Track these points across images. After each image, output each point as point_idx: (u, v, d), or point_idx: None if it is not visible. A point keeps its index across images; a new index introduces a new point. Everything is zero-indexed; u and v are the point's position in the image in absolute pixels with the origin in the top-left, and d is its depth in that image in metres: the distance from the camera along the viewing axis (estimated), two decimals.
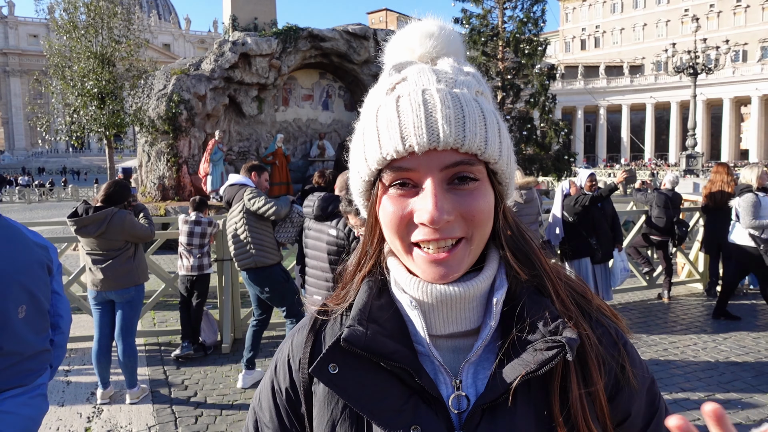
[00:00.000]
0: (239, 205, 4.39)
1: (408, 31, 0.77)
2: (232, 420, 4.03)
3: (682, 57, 24.43)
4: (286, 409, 0.78)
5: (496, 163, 0.69)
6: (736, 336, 5.73)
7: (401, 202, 0.68)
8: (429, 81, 0.69)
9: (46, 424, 3.99)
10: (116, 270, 4.12)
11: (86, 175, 57.54)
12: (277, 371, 0.80)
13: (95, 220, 4.03)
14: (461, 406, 0.69)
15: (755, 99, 51.82)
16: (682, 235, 7.17)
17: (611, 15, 71.14)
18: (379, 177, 0.70)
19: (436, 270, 0.68)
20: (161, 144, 12.78)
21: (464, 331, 0.72)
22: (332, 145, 15.40)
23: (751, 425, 0.77)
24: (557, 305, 0.71)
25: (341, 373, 0.70)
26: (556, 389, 0.68)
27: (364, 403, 0.68)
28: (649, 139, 59.04)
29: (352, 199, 2.83)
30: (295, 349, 0.79)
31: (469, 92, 0.69)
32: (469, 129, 0.65)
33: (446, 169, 0.66)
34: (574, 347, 0.66)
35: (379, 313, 0.72)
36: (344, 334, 0.69)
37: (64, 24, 12.02)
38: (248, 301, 6.77)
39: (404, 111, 0.66)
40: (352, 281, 0.80)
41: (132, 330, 4.32)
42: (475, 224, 0.68)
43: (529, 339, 0.69)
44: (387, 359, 0.68)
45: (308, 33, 14.11)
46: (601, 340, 0.73)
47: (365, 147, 0.70)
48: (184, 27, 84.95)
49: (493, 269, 0.73)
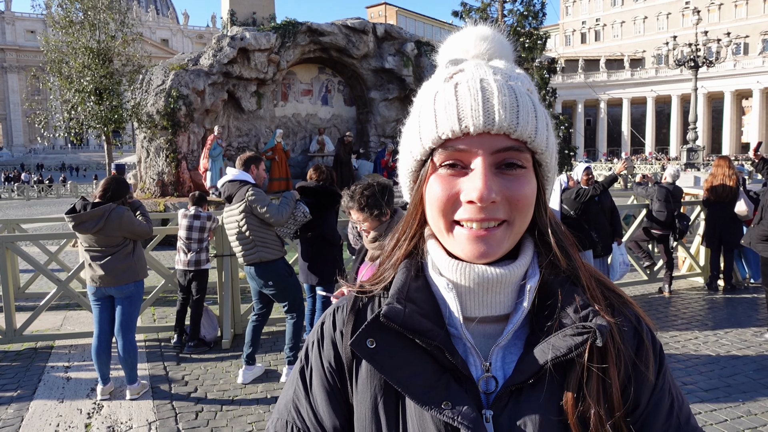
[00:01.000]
0: (241, 204, 4.37)
1: (463, 33, 0.82)
2: (232, 415, 4.02)
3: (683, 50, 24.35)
4: (334, 380, 0.81)
5: (543, 153, 0.74)
6: (737, 330, 5.71)
7: (450, 181, 0.72)
8: (486, 72, 0.73)
9: (45, 420, 3.98)
10: (115, 266, 4.11)
11: (85, 171, 57.49)
12: (323, 346, 0.83)
13: (93, 216, 4.01)
14: (489, 388, 0.73)
15: (756, 92, 51.60)
16: (683, 228, 7.15)
17: (612, 8, 70.82)
18: (430, 157, 0.74)
19: (476, 247, 0.71)
20: (160, 140, 12.75)
21: (496, 315, 0.75)
22: (332, 140, 15.36)
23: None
24: (588, 295, 0.74)
25: (378, 347, 0.73)
26: (576, 376, 0.70)
27: (398, 377, 0.72)
28: (650, 132, 58.89)
29: (353, 195, 2.83)
30: (338, 325, 0.83)
31: (522, 87, 0.74)
32: (522, 117, 0.70)
33: (497, 153, 0.70)
34: (604, 333, 0.69)
35: (416, 294, 0.76)
36: (383, 310, 0.73)
37: (60, 20, 11.96)
38: (248, 297, 6.77)
39: (462, 95, 0.70)
40: (390, 261, 0.83)
41: (132, 326, 4.31)
42: (518, 209, 0.71)
43: (559, 325, 0.72)
44: (423, 336, 0.72)
45: (307, 27, 14.04)
46: (621, 330, 0.75)
47: (421, 127, 0.74)
48: (183, 22, 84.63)
49: (529, 257, 0.76)
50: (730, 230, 6.99)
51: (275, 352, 5.27)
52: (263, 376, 4.70)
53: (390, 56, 15.02)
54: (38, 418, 4.02)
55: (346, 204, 2.91)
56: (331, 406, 0.80)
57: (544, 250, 0.77)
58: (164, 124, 12.53)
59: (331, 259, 5.03)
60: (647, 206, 7.42)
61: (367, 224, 2.83)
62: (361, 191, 2.83)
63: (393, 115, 15.70)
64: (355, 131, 15.88)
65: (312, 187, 4.96)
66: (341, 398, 0.81)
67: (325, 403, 0.81)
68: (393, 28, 15.65)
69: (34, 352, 5.40)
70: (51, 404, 4.25)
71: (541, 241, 0.78)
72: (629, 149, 58.87)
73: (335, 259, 5.09)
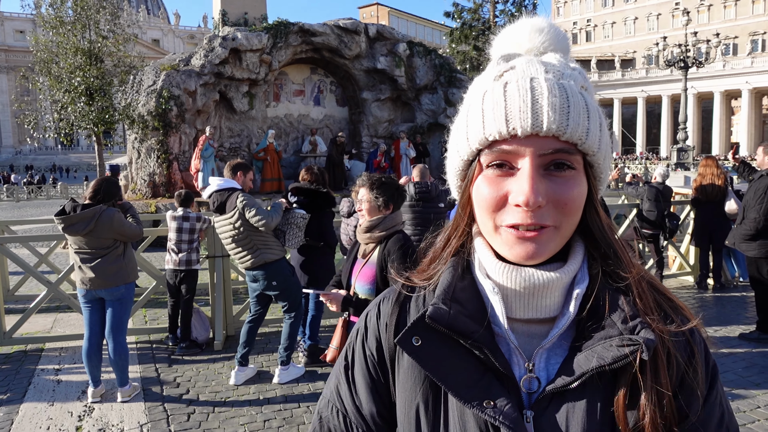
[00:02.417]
0: (235, 211, 4.37)
1: (518, 25, 0.80)
2: (224, 417, 4.01)
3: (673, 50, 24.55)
4: (375, 369, 0.84)
5: (594, 155, 0.71)
6: (727, 328, 5.77)
7: (497, 182, 0.71)
8: (537, 71, 0.71)
9: (36, 423, 3.96)
10: (105, 268, 4.07)
11: (76, 172, 57.04)
12: (367, 336, 0.85)
13: (83, 218, 3.98)
14: (532, 388, 0.72)
15: (745, 92, 52.09)
16: (673, 228, 7.22)
17: (602, 9, 71.26)
18: (477, 157, 0.73)
19: (523, 248, 0.70)
20: (151, 140, 12.67)
21: (541, 318, 0.74)
22: (324, 140, 15.33)
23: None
24: (638, 304, 0.72)
25: (423, 345, 0.74)
26: (626, 386, 0.69)
27: (442, 374, 0.73)
28: (641, 132, 59.29)
29: (371, 177, 2.92)
30: (383, 317, 0.84)
31: (575, 85, 0.71)
32: (573, 119, 0.68)
33: (545, 155, 0.69)
34: (651, 348, 0.67)
35: (461, 293, 0.76)
36: (429, 312, 0.74)
37: (50, 19, 11.87)
38: (240, 298, 6.76)
39: (511, 96, 0.69)
40: (439, 259, 0.83)
41: (122, 328, 4.27)
42: (566, 212, 0.70)
43: (606, 334, 0.70)
44: (466, 338, 0.72)
45: (299, 28, 14.02)
46: (675, 340, 0.73)
47: (468, 127, 0.73)
48: (174, 22, 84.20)
49: (578, 262, 0.75)
50: (719, 229, 7.05)
51: (268, 353, 5.26)
52: (255, 378, 4.69)
53: (382, 57, 15.03)
54: (28, 422, 3.99)
55: (360, 182, 3.00)
56: (370, 394, 0.83)
57: (595, 252, 0.76)
58: (155, 125, 12.46)
59: (326, 261, 5.03)
60: (637, 206, 7.48)
61: (368, 205, 2.88)
62: (380, 176, 2.96)
63: (385, 116, 15.71)
64: (348, 132, 15.87)
65: (306, 188, 4.96)
66: (381, 387, 0.83)
67: (364, 391, 0.83)
68: (385, 28, 15.66)
69: (24, 354, 5.35)
70: (41, 407, 4.22)
71: (591, 243, 0.76)
72: (620, 149, 59.24)
73: (330, 261, 5.10)
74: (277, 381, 4.56)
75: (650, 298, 0.74)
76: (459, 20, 20.60)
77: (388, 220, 2.86)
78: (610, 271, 0.74)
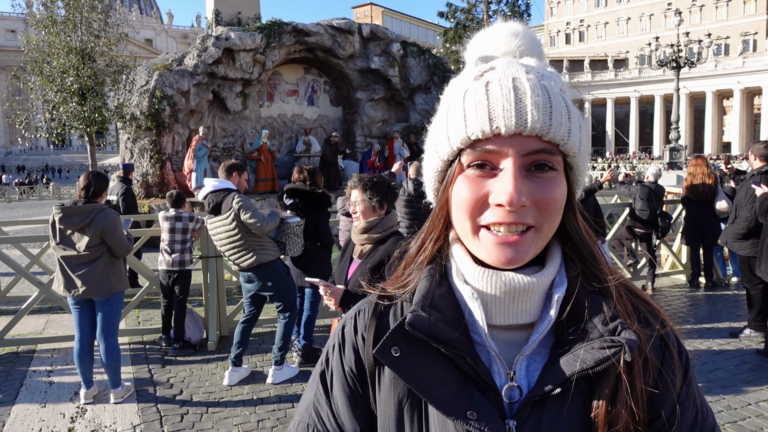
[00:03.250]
0: (231, 212, 4.36)
1: (494, 29, 0.80)
2: (218, 417, 4.00)
3: (665, 51, 24.68)
4: (355, 385, 0.80)
5: (575, 156, 0.71)
6: (718, 326, 5.81)
7: (478, 182, 0.70)
8: (518, 71, 0.70)
9: (28, 425, 3.93)
10: (92, 276, 4.02)
11: (68, 172, 56.63)
12: (344, 350, 0.82)
13: (82, 211, 4.00)
14: (513, 397, 0.71)
15: (737, 92, 52.43)
16: (665, 227, 7.26)
17: (595, 9, 71.53)
18: (457, 158, 0.72)
19: (504, 252, 0.69)
20: (144, 140, 12.62)
21: (520, 324, 0.73)
22: (318, 140, 15.32)
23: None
24: (617, 306, 0.72)
25: (402, 356, 0.72)
26: (609, 389, 0.68)
27: (422, 386, 0.71)
28: (634, 132, 59.56)
29: (363, 177, 2.88)
30: (359, 330, 0.81)
31: (555, 86, 0.71)
32: (555, 119, 0.67)
33: (528, 155, 0.68)
34: (634, 348, 0.67)
35: (440, 301, 0.74)
36: (409, 318, 0.72)
37: (42, 19, 11.78)
38: (234, 299, 6.75)
39: (494, 94, 0.68)
40: (413, 265, 0.81)
41: (114, 329, 4.24)
42: (547, 213, 0.69)
43: (586, 337, 0.70)
44: (447, 345, 0.71)
45: (292, 27, 13.99)
46: (650, 341, 0.73)
47: (449, 127, 0.72)
48: (167, 22, 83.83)
49: (557, 264, 0.74)
50: (709, 228, 7.11)
51: (261, 354, 5.25)
52: (249, 378, 4.68)
53: (376, 56, 15.03)
54: (20, 423, 3.97)
55: (352, 183, 2.96)
56: (351, 411, 0.79)
57: (573, 256, 0.75)
58: (148, 125, 12.41)
59: (322, 260, 5.03)
60: (630, 205, 7.52)
61: (362, 206, 2.86)
62: (370, 177, 2.93)
63: (379, 116, 15.71)
64: (342, 132, 15.86)
65: (301, 189, 4.95)
66: (362, 403, 0.79)
67: (345, 408, 0.79)
68: (379, 28, 15.66)
69: (16, 356, 5.32)
70: (33, 408, 4.19)
71: (569, 246, 0.76)
72: (613, 149, 59.52)
73: (326, 260, 5.10)
74: (271, 381, 4.56)
75: (628, 301, 0.74)
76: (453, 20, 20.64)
77: (386, 221, 2.85)
78: (589, 273, 0.74)
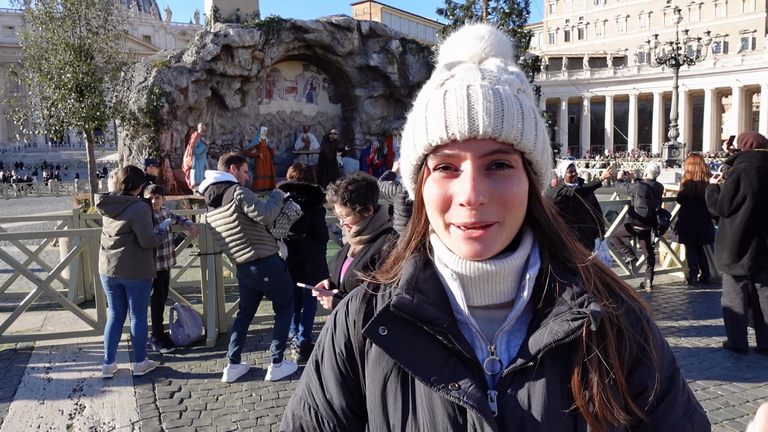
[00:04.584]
0: (232, 204, 4.35)
1: (461, 33, 0.85)
2: (216, 414, 4.00)
3: (664, 48, 24.65)
4: (344, 364, 0.88)
5: (531, 153, 0.76)
6: (716, 324, 5.82)
7: (443, 183, 0.76)
8: (474, 78, 0.76)
9: (26, 422, 3.93)
10: (122, 259, 4.55)
11: (66, 169, 56.49)
12: (336, 333, 0.91)
13: (117, 201, 4.58)
14: (494, 369, 0.78)
15: (736, 90, 52.46)
16: (664, 224, 7.26)
17: (595, 6, 71.45)
18: (425, 162, 0.79)
19: (471, 247, 0.75)
20: (143, 137, 12.59)
21: (499, 303, 0.80)
22: (317, 137, 15.30)
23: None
24: (585, 283, 0.79)
25: (389, 335, 0.79)
26: (579, 359, 0.74)
27: (408, 361, 0.78)
28: (633, 130, 59.58)
29: (338, 190, 2.84)
30: (351, 314, 0.90)
31: (511, 89, 0.76)
32: (507, 121, 0.73)
33: (484, 156, 0.74)
34: (597, 318, 0.73)
35: (423, 284, 0.81)
36: (393, 301, 0.79)
37: (40, 15, 11.72)
38: (232, 296, 6.74)
39: (450, 103, 0.74)
40: (402, 259, 0.89)
41: (144, 309, 4.75)
42: (507, 208, 0.75)
43: (557, 311, 0.76)
44: (430, 324, 0.77)
45: (291, 24, 13.96)
46: (625, 316, 0.80)
47: (414, 134, 0.79)
48: (165, 18, 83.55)
49: (527, 249, 0.81)
50: (705, 226, 7.12)
51: (260, 351, 5.25)
52: (248, 375, 4.68)
53: (375, 54, 15.00)
54: (18, 420, 3.97)
55: (330, 198, 2.93)
56: (340, 387, 0.88)
57: (544, 242, 0.82)
58: (147, 122, 12.37)
59: (317, 256, 5.02)
60: (629, 203, 7.52)
61: (350, 218, 2.85)
62: (345, 186, 2.84)
63: (378, 113, 15.69)
64: (341, 129, 15.84)
65: (297, 185, 4.95)
66: (351, 382, 0.88)
67: (334, 386, 0.88)
68: (378, 25, 15.62)
69: (14, 353, 5.32)
70: (32, 405, 4.19)
71: (540, 234, 0.82)
72: (612, 146, 59.56)
73: (321, 256, 5.09)
74: (270, 378, 4.56)
75: (597, 279, 0.81)
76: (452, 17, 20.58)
77: (375, 221, 2.84)
78: (560, 255, 0.81)
